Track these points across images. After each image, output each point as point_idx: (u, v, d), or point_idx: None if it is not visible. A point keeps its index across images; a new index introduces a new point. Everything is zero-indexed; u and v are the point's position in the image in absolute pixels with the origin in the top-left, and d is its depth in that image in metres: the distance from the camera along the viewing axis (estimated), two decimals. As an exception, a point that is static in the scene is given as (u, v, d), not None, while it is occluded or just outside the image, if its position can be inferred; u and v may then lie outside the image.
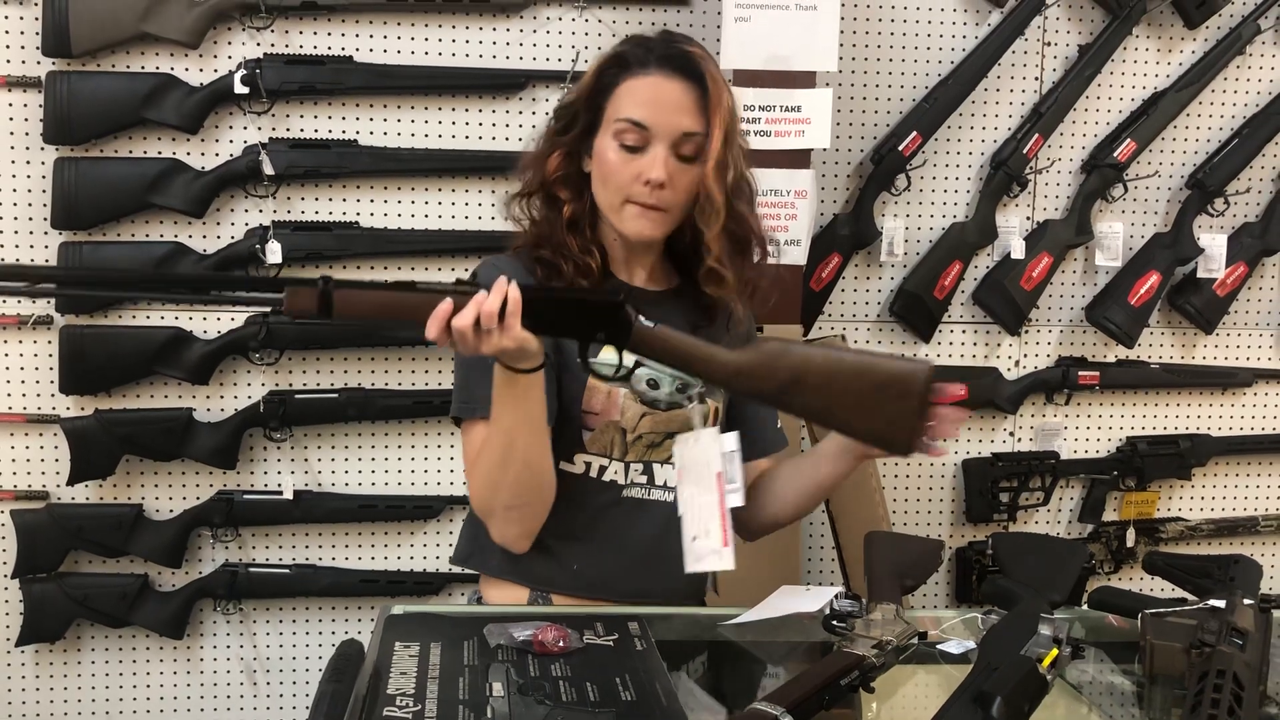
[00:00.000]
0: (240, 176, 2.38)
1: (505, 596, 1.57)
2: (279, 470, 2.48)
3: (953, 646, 1.41)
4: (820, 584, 2.70)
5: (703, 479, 1.40)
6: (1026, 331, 2.73)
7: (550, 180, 1.52)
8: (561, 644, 1.26)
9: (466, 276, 1.52)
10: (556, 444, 1.48)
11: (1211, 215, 2.71)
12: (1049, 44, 2.66)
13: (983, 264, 2.69)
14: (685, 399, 1.53)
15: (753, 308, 1.63)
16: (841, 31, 2.33)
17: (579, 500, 1.51)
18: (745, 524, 1.61)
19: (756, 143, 2.15)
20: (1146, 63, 2.70)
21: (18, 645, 2.41)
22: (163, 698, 2.52)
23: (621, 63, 1.50)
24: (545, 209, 1.54)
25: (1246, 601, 1.28)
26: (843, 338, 2.52)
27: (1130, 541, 2.76)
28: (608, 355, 1.44)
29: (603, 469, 1.51)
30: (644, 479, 1.53)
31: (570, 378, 1.49)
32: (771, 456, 1.65)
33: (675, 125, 1.47)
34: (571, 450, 1.51)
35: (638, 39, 1.54)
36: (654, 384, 1.51)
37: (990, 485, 2.69)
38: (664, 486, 1.55)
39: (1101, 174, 2.65)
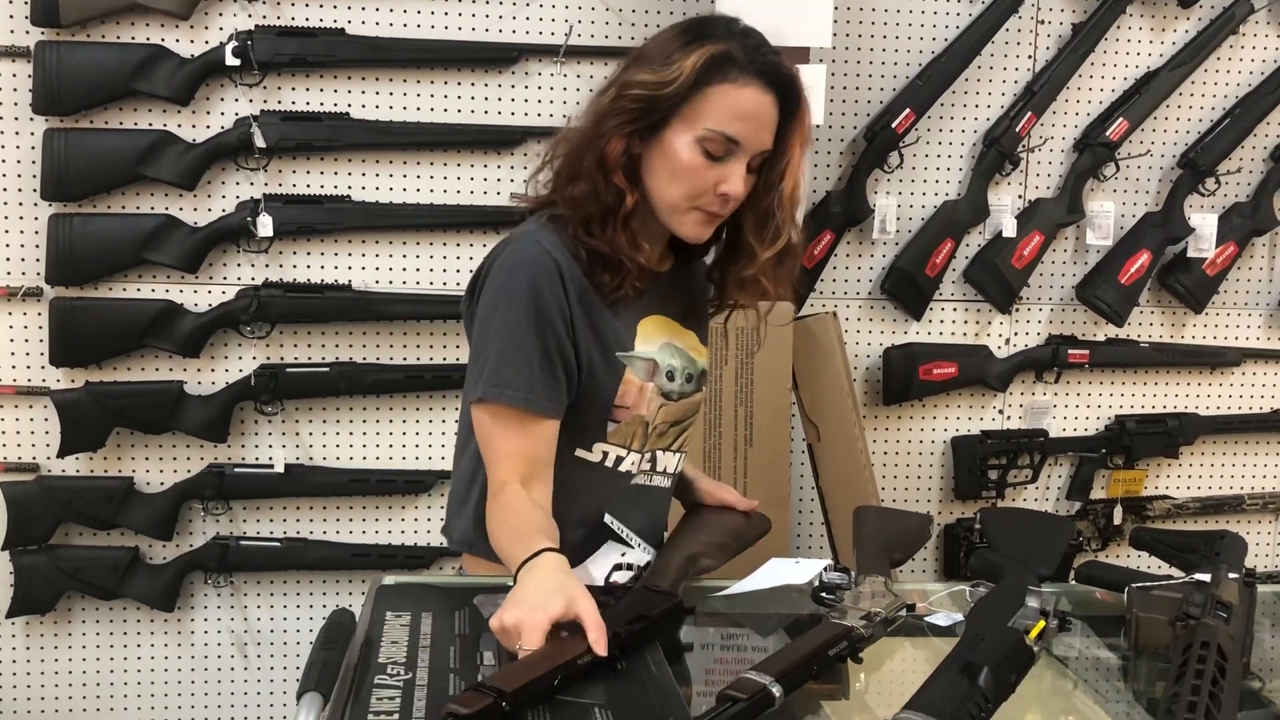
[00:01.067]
0: (231, 149, 2.37)
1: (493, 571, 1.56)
2: (270, 444, 2.48)
3: (940, 619, 1.42)
4: (810, 558, 2.71)
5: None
6: (1017, 309, 2.74)
7: (611, 166, 1.40)
8: (552, 615, 1.27)
9: (489, 250, 1.47)
10: (579, 433, 1.46)
11: (1202, 195, 2.72)
12: (1042, 22, 2.66)
13: (974, 242, 2.69)
14: (690, 389, 1.54)
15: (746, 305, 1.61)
16: (835, 7, 2.32)
17: (590, 485, 1.50)
18: None
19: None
20: (1140, 42, 2.70)
21: (8, 617, 2.41)
22: (154, 670, 2.52)
23: (725, 62, 1.38)
24: (594, 195, 1.42)
25: (1231, 576, 1.29)
26: (834, 315, 2.52)
27: (1118, 519, 2.78)
28: (642, 348, 1.46)
29: (619, 459, 1.50)
30: (649, 466, 1.53)
31: (607, 373, 1.45)
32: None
33: (761, 143, 1.40)
34: (593, 440, 1.48)
35: (735, 31, 1.43)
36: (671, 375, 1.51)
37: (979, 463, 2.71)
38: (663, 473, 1.55)
39: (1093, 153, 2.66)
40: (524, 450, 1.40)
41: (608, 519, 1.49)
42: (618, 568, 1.32)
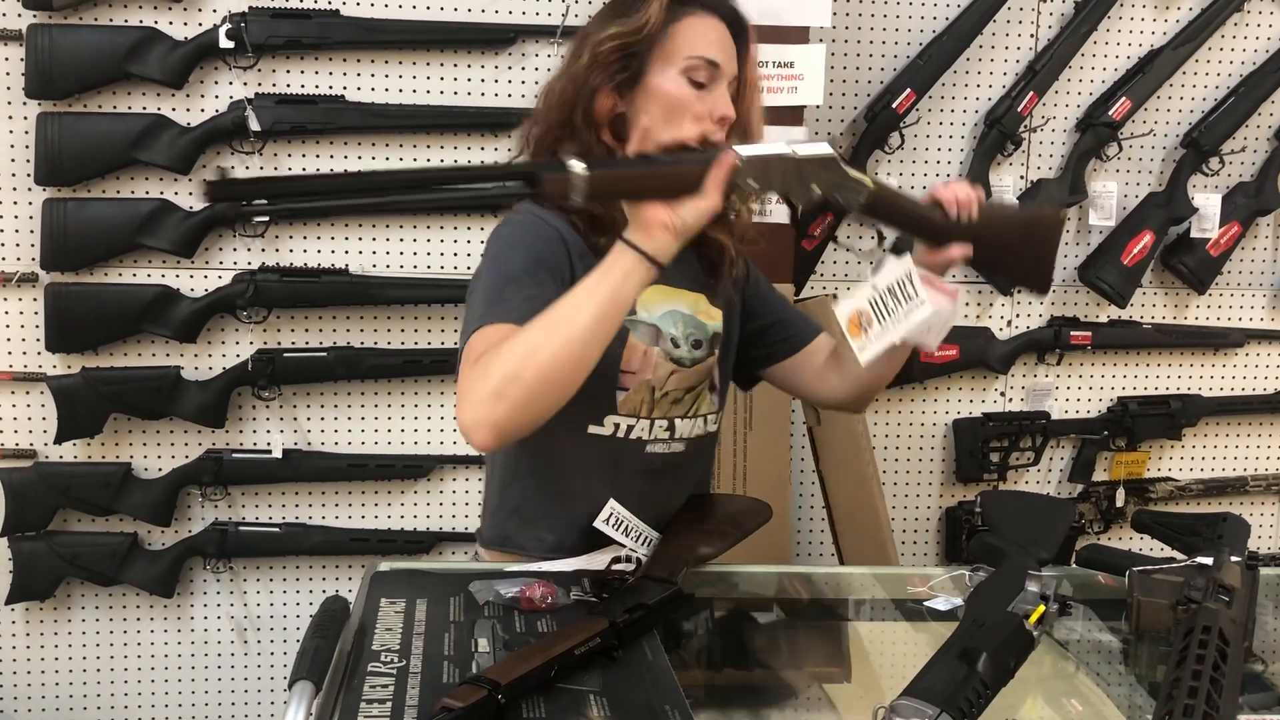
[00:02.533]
0: (226, 133, 2.35)
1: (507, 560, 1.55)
2: (268, 429, 2.47)
3: (940, 604, 1.41)
4: (811, 546, 2.71)
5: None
6: (1019, 291, 2.72)
7: (600, 123, 1.45)
8: (549, 600, 1.26)
9: (488, 234, 1.49)
10: (588, 406, 1.45)
11: (1206, 175, 2.69)
12: (1045, 0, 2.63)
13: (976, 223, 2.67)
14: (702, 354, 1.52)
15: (744, 252, 1.61)
16: (835, -14, 2.30)
17: (607, 464, 1.49)
18: (854, 398, 1.62)
19: (748, 99, 2.12)
20: (1143, 20, 2.68)
21: (6, 604, 2.41)
22: (153, 656, 2.52)
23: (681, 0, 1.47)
24: (584, 154, 1.41)
25: (1234, 559, 1.28)
26: (834, 297, 2.51)
27: (1120, 501, 2.76)
28: (643, 315, 1.47)
29: (630, 428, 1.49)
30: (666, 435, 1.52)
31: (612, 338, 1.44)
32: (821, 336, 1.65)
33: (733, 69, 1.48)
34: (603, 413, 1.48)
35: None
36: (675, 342, 1.50)
37: (981, 445, 2.70)
38: (682, 439, 1.53)
39: (1096, 132, 2.63)
40: None
41: (600, 524, 1.48)
42: (617, 559, 1.32)
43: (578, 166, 1.19)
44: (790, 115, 2.29)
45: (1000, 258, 1.46)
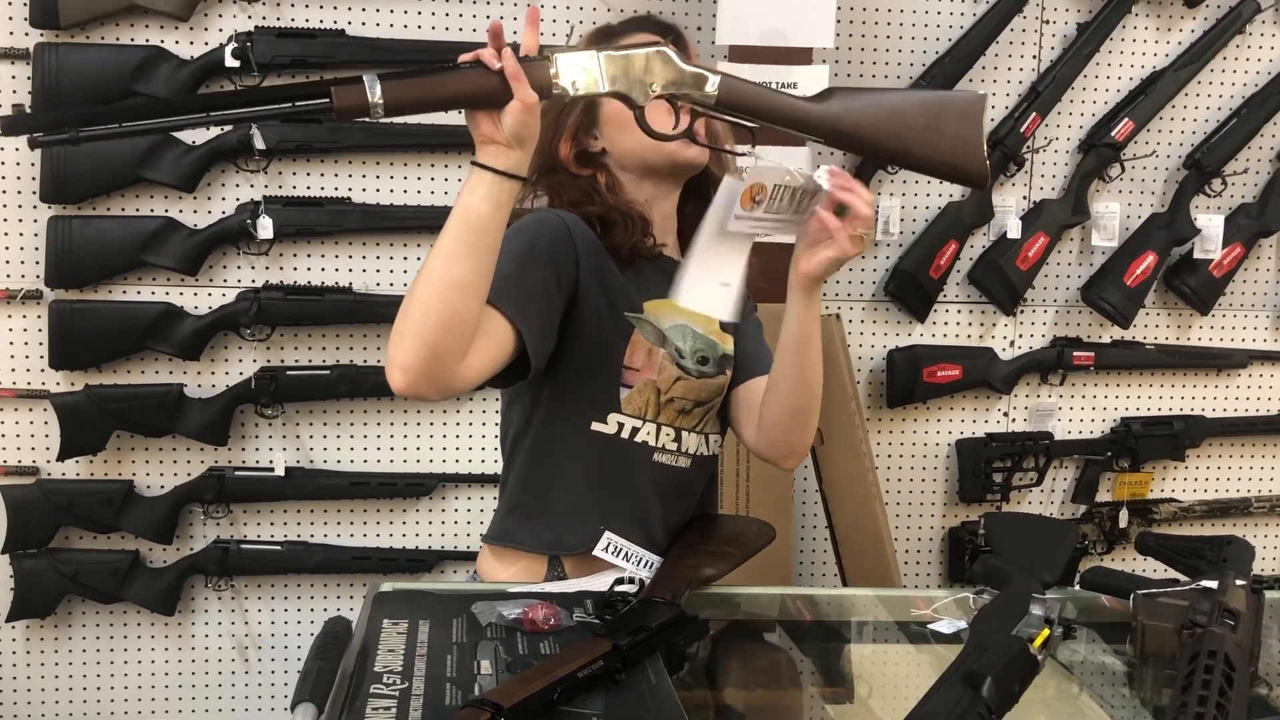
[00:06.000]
0: (232, 151, 2.36)
1: (521, 568, 1.54)
2: (270, 447, 2.47)
3: (944, 626, 1.41)
4: (815, 566, 2.70)
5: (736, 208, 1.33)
6: (1022, 311, 2.72)
7: (564, 163, 1.51)
8: (552, 622, 1.26)
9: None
10: (593, 401, 1.47)
11: (1209, 196, 2.70)
12: (1047, 22, 2.64)
13: (979, 244, 2.68)
14: (711, 371, 1.53)
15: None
16: (839, 7, 2.31)
17: (611, 460, 1.49)
18: (765, 443, 1.56)
19: (752, 119, 2.13)
20: (1145, 41, 2.69)
21: (8, 621, 2.40)
22: (154, 674, 2.52)
23: (604, 35, 1.51)
24: (568, 189, 1.51)
25: (1239, 582, 1.28)
26: (837, 317, 2.51)
27: (1123, 522, 2.76)
28: (651, 315, 1.48)
29: (635, 430, 1.49)
30: (674, 445, 1.52)
31: (615, 330, 1.47)
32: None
33: None
34: (607, 410, 1.48)
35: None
36: (680, 354, 1.50)
37: (984, 465, 2.69)
38: (688, 454, 1.54)
39: (1099, 153, 2.64)
40: None
41: (600, 553, 1.48)
42: (620, 580, 1.31)
43: (371, 78, 1.17)
44: (793, 136, 2.29)
45: (906, 147, 1.36)
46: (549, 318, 1.40)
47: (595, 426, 1.48)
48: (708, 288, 1.36)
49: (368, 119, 1.20)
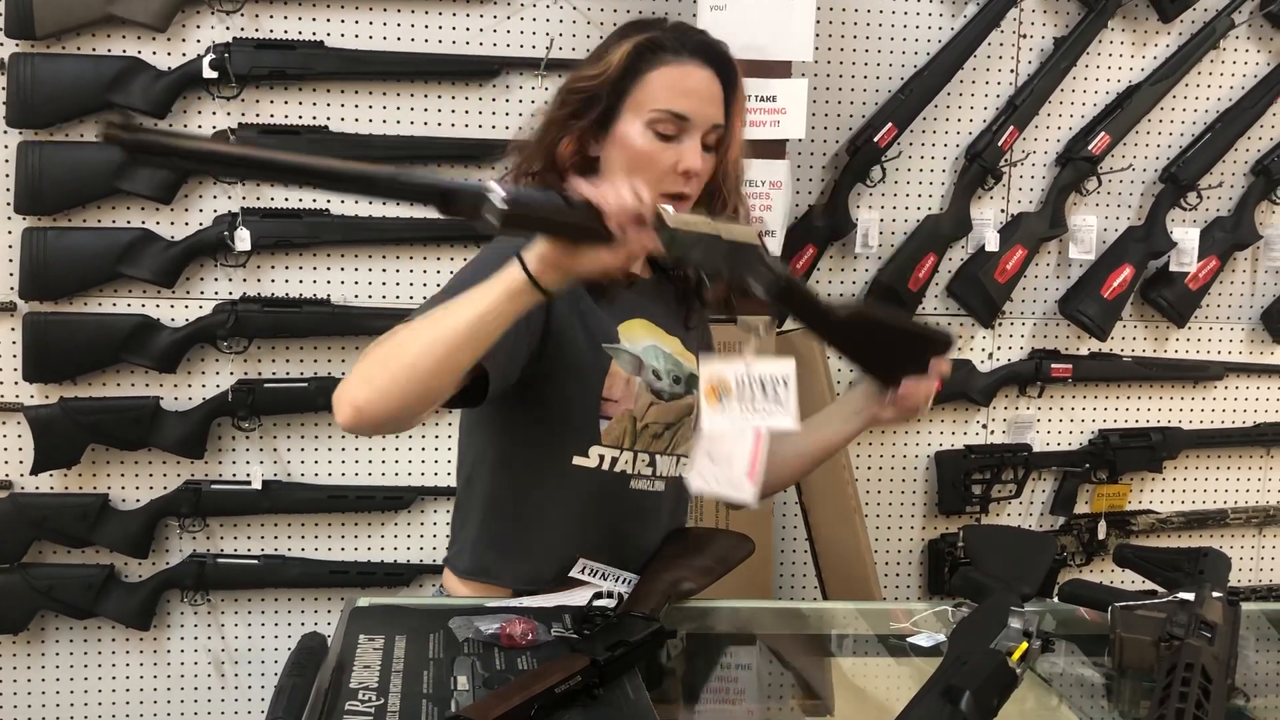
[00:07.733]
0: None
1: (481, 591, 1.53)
2: (247, 460, 2.45)
3: (923, 640, 1.41)
4: (794, 579, 2.70)
5: (747, 401, 1.34)
6: (1000, 324, 2.73)
7: (563, 166, 1.47)
8: (530, 637, 1.25)
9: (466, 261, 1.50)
10: (574, 436, 1.45)
11: (1184, 209, 2.72)
12: (1024, 36, 2.66)
13: (957, 256, 2.69)
14: (681, 391, 1.52)
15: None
16: (818, 21, 2.31)
17: (590, 493, 1.48)
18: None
19: (731, 132, 2.13)
20: (1121, 56, 2.71)
21: (-20, 636, 2.38)
22: (129, 689, 2.49)
23: (654, 47, 1.46)
24: None
25: (1215, 594, 1.29)
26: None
27: (1101, 534, 2.77)
28: (627, 345, 1.46)
29: (614, 460, 1.49)
30: (649, 471, 1.51)
31: (594, 363, 1.46)
32: None
33: (709, 117, 1.46)
34: (587, 444, 1.47)
35: (662, 25, 1.51)
36: (657, 375, 1.50)
37: (963, 477, 2.70)
38: (664, 478, 1.53)
39: (1076, 167, 2.65)
40: None
41: (576, 575, 1.47)
42: (598, 595, 1.31)
43: (496, 195, 1.12)
44: (772, 149, 2.30)
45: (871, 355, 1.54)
46: (511, 354, 1.36)
47: (577, 461, 1.47)
48: (720, 484, 1.36)
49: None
